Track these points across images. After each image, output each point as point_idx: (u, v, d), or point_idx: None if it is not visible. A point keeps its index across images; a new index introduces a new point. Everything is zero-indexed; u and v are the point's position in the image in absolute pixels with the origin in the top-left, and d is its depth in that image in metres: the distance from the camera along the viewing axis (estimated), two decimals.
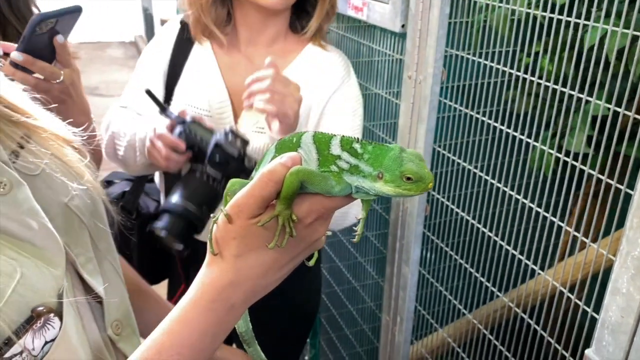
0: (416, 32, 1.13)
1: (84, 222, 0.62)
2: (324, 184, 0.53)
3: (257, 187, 0.52)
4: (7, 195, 0.52)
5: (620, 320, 0.72)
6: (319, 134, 0.55)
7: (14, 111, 0.57)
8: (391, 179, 0.51)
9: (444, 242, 1.33)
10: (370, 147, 0.53)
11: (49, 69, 0.96)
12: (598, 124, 0.89)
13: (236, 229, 0.53)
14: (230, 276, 0.54)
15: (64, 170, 0.61)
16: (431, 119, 1.16)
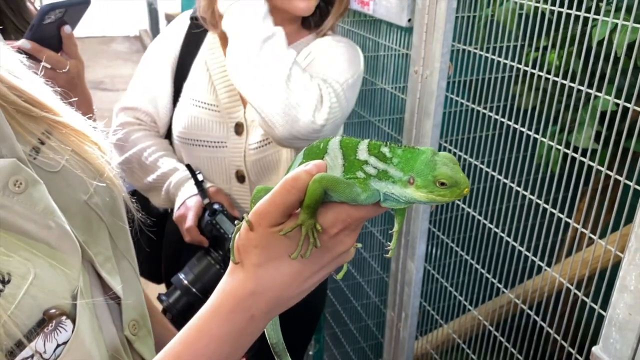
0: (422, 26, 1.12)
1: (103, 220, 0.61)
2: (349, 192, 0.50)
3: (278, 194, 0.50)
4: (22, 194, 0.51)
5: (628, 318, 0.71)
6: (346, 139, 0.53)
7: (34, 106, 0.56)
8: (423, 184, 0.48)
9: (449, 237, 1.33)
10: (399, 151, 0.50)
11: (56, 57, 0.97)
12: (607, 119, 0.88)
13: (257, 237, 0.51)
14: (250, 286, 0.52)
15: (83, 167, 0.60)
16: (437, 114, 1.16)
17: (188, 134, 1.25)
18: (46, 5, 0.95)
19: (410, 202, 0.50)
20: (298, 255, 0.51)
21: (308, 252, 0.51)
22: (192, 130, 1.23)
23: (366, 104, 1.56)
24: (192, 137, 1.25)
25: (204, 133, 1.24)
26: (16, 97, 0.54)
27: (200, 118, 1.24)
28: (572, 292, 0.96)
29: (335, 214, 0.51)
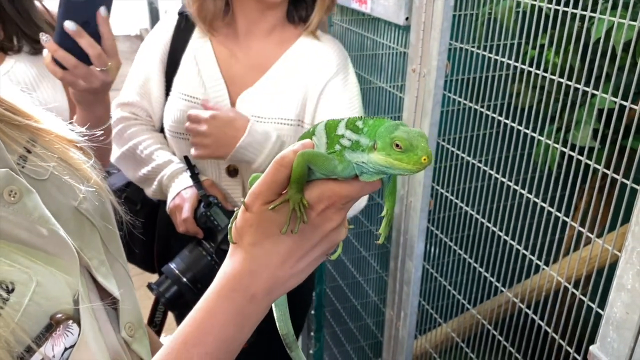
0: (420, 24, 1.11)
1: (94, 224, 0.62)
2: (327, 164, 0.53)
3: (269, 173, 0.53)
4: (17, 204, 0.51)
5: (625, 317, 0.71)
6: (331, 121, 0.56)
7: (16, 114, 0.56)
8: (382, 146, 0.50)
9: (448, 236, 1.32)
10: (370, 122, 0.52)
11: (98, 49, 0.87)
12: (604, 117, 0.88)
13: (252, 217, 0.54)
14: (248, 265, 0.55)
15: (70, 174, 0.60)
16: (435, 112, 1.15)
17: (178, 128, 1.26)
18: None
19: (377, 171, 0.52)
20: (287, 230, 0.53)
21: (297, 227, 0.53)
22: (182, 124, 1.24)
23: (364, 102, 1.55)
24: (182, 130, 1.25)
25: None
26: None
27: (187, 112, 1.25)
28: (569, 291, 0.95)
29: (320, 190, 0.54)
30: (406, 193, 1.29)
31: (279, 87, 1.23)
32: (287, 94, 1.22)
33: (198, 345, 0.53)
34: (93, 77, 0.87)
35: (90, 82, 0.88)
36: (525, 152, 1.09)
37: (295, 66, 1.23)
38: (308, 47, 1.25)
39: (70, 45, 0.84)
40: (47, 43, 0.84)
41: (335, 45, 1.27)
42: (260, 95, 1.23)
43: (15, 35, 1.03)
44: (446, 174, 1.28)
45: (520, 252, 1.09)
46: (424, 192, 1.24)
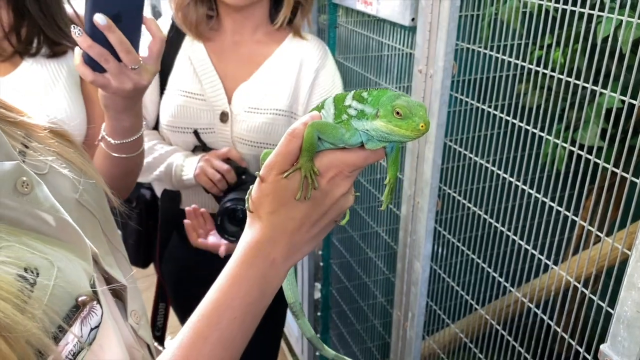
0: (426, 25, 1.12)
1: (95, 216, 0.64)
2: (336, 133, 0.57)
3: (282, 144, 0.57)
4: (30, 194, 0.52)
5: (636, 315, 0.71)
6: (339, 94, 0.60)
7: (10, 111, 0.58)
8: (384, 113, 0.54)
9: (456, 237, 1.32)
10: (375, 92, 0.56)
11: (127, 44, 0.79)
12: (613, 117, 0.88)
13: (268, 186, 0.58)
14: (267, 232, 0.58)
15: (68, 167, 0.62)
16: (442, 113, 1.15)
17: (176, 122, 1.31)
18: None
19: (380, 137, 0.56)
20: (301, 196, 0.57)
21: (309, 193, 0.57)
22: (180, 118, 1.30)
23: None
24: (180, 124, 1.31)
25: (192, 120, 1.31)
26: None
27: (187, 107, 1.31)
28: (579, 290, 0.95)
29: (329, 159, 0.58)
30: (413, 194, 1.30)
31: (272, 80, 1.31)
32: (280, 87, 1.31)
33: (227, 310, 0.56)
34: (124, 76, 0.81)
35: (122, 82, 0.81)
36: (533, 151, 1.09)
37: (285, 62, 1.32)
38: (295, 45, 1.33)
39: (101, 40, 0.78)
40: (80, 37, 0.77)
41: (317, 42, 1.36)
42: (255, 89, 1.30)
43: (36, 37, 1.02)
44: (453, 174, 1.28)
45: (528, 251, 1.08)
46: (431, 192, 1.24)
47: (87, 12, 0.77)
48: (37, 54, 1.02)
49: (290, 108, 1.32)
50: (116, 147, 0.92)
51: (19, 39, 1.01)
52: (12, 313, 0.41)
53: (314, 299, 2.11)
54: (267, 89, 1.31)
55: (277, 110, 1.31)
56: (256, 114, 1.30)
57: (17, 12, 0.99)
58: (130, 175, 1.01)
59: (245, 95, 1.30)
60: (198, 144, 1.32)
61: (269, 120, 1.30)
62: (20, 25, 1.00)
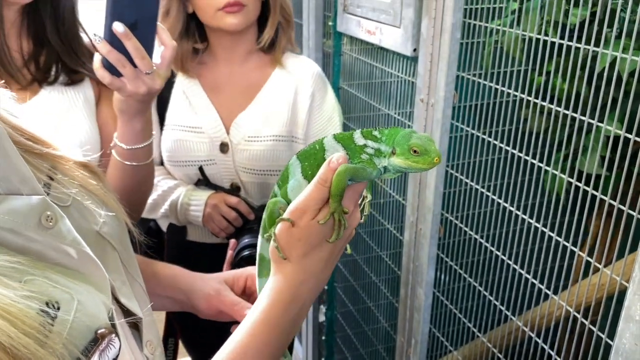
0: (427, 56, 1.14)
1: (114, 247, 0.65)
2: (366, 174, 0.61)
3: (314, 191, 0.60)
4: (54, 229, 0.54)
5: (634, 348, 0.71)
6: (339, 134, 0.63)
7: (36, 143, 0.59)
8: (401, 152, 0.59)
9: (457, 262, 1.33)
10: (386, 131, 0.61)
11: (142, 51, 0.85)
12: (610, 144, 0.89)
13: (300, 231, 0.60)
14: (301, 276, 0.61)
15: (90, 199, 0.63)
16: (443, 141, 1.17)
17: (176, 156, 1.33)
18: None
19: (397, 171, 0.62)
20: (336, 238, 0.60)
21: (341, 233, 0.61)
22: (179, 152, 1.32)
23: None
24: (181, 158, 1.33)
25: (192, 154, 1.33)
26: (20, 137, 0.57)
27: (186, 140, 1.32)
28: (579, 320, 0.95)
29: (348, 195, 0.61)
30: (416, 220, 1.31)
31: (269, 108, 1.33)
32: (278, 114, 1.33)
33: (255, 356, 0.58)
34: (139, 80, 0.86)
35: (137, 86, 0.87)
36: (534, 177, 1.10)
37: (280, 88, 1.34)
38: (288, 70, 1.36)
39: (118, 46, 0.85)
40: (100, 43, 0.84)
41: (309, 63, 1.40)
42: (253, 118, 1.32)
43: (54, 65, 1.04)
44: (454, 200, 1.29)
45: (529, 279, 1.09)
46: (433, 219, 1.25)
47: (107, 20, 0.83)
48: (55, 82, 1.04)
49: (289, 133, 1.35)
50: (127, 153, 0.96)
51: (37, 66, 1.02)
52: (34, 348, 0.43)
53: (319, 322, 2.11)
54: (264, 116, 1.33)
55: (277, 136, 1.33)
56: (257, 142, 1.32)
57: (36, 41, 1.02)
58: (141, 186, 1.03)
59: (243, 125, 1.32)
60: (201, 177, 1.34)
61: (270, 147, 1.32)
62: (39, 54, 1.02)
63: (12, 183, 0.52)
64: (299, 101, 1.35)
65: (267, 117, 1.33)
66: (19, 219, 0.51)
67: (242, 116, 1.32)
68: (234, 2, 1.22)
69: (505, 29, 1.06)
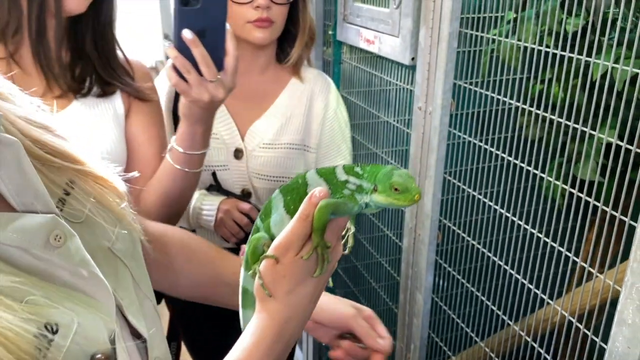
0: (425, 65, 1.16)
1: (126, 264, 0.64)
2: (347, 209, 0.61)
3: (296, 227, 0.59)
4: (62, 248, 0.53)
5: (627, 351, 0.73)
6: (321, 169, 0.64)
7: (56, 157, 0.59)
8: (383, 189, 0.59)
9: (455, 269, 1.34)
10: (367, 168, 0.61)
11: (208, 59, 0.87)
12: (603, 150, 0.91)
13: (285, 267, 0.59)
14: (286, 313, 0.60)
15: (104, 215, 0.62)
16: (441, 148, 1.19)
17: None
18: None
19: (378, 206, 0.62)
20: (320, 273, 0.60)
21: (325, 267, 0.60)
22: None
23: (372, 136, 1.60)
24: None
25: (207, 159, 1.33)
26: (40, 151, 0.57)
27: None
28: (573, 325, 0.97)
29: (331, 229, 0.60)
30: (414, 226, 1.32)
31: (283, 117, 1.36)
32: (292, 123, 1.36)
33: None
34: (203, 87, 0.89)
35: (200, 93, 0.90)
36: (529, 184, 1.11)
37: (294, 98, 1.38)
38: (302, 81, 1.40)
39: (186, 53, 0.88)
40: (169, 48, 0.89)
41: (322, 77, 1.44)
42: (268, 126, 1.35)
43: (89, 76, 1.05)
44: (453, 207, 1.30)
45: (525, 285, 1.10)
46: (432, 225, 1.26)
47: (176, 27, 0.87)
48: (88, 94, 1.05)
49: (302, 142, 1.38)
50: (183, 157, 0.99)
51: (73, 77, 1.04)
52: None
53: None
54: (279, 124, 1.36)
55: (290, 144, 1.36)
56: (271, 149, 1.35)
57: (74, 53, 1.03)
58: (185, 193, 1.06)
59: (259, 132, 1.35)
60: (213, 182, 1.36)
61: (283, 155, 1.35)
62: (75, 65, 1.04)
63: (26, 198, 0.53)
64: (313, 111, 1.39)
65: (281, 125, 1.36)
66: (27, 237, 0.51)
67: (257, 124, 1.36)
68: (266, 18, 1.25)
69: (501, 39, 1.08)
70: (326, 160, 1.42)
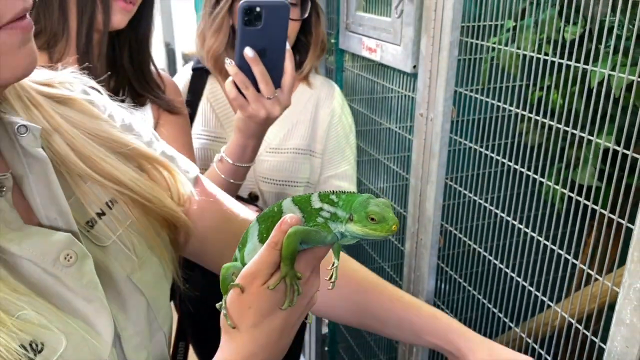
0: (426, 72, 1.18)
1: (144, 294, 0.63)
2: (319, 237, 0.57)
3: (264, 254, 0.56)
4: (70, 267, 0.54)
5: (625, 350, 0.74)
6: (297, 197, 0.60)
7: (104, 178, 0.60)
8: (358, 219, 0.56)
9: (458, 273, 1.36)
10: (343, 196, 0.58)
11: (267, 77, 0.92)
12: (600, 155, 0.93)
13: (251, 297, 0.56)
14: (250, 348, 0.56)
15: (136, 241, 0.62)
16: (442, 154, 1.21)
17: (201, 164, 1.37)
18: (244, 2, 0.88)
19: (355, 237, 0.58)
20: (288, 305, 0.56)
21: (295, 299, 0.56)
22: (202, 160, 1.37)
23: (375, 143, 1.62)
24: (203, 166, 1.35)
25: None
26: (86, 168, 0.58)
27: (209, 149, 1.37)
28: (573, 327, 0.98)
29: (305, 260, 0.57)
30: (416, 231, 1.34)
31: (290, 122, 1.38)
32: (298, 128, 1.39)
33: None
34: (260, 104, 0.94)
35: (258, 109, 0.94)
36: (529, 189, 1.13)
37: (302, 104, 1.40)
38: (309, 88, 1.42)
39: (247, 70, 0.93)
40: (230, 66, 0.93)
41: (329, 83, 1.46)
42: (275, 131, 1.37)
43: (122, 88, 1.08)
44: (454, 212, 1.32)
45: (526, 288, 1.12)
46: (433, 230, 1.28)
47: (239, 45, 0.91)
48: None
49: (308, 147, 1.41)
50: (230, 168, 1.03)
51: (108, 89, 1.08)
52: None
53: (322, 334, 2.13)
54: (286, 130, 1.39)
55: (297, 149, 1.39)
56: (277, 154, 1.38)
57: (110, 65, 1.07)
58: None
59: (266, 137, 1.35)
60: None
61: (290, 159, 1.38)
62: (111, 77, 1.07)
63: (51, 213, 0.54)
64: (319, 117, 1.42)
65: (288, 130, 1.39)
66: (38, 251, 0.52)
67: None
68: None
69: (501, 47, 1.10)
70: (331, 166, 1.44)
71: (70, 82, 0.66)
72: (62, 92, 0.62)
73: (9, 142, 0.55)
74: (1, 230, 0.51)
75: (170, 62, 7.23)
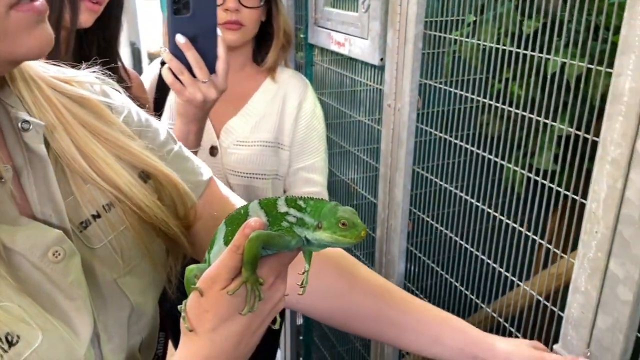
0: (393, 65, 1.23)
1: (129, 299, 0.63)
2: (282, 242, 0.56)
3: (225, 258, 0.55)
4: (58, 264, 0.55)
5: (581, 316, 0.80)
6: (264, 200, 0.59)
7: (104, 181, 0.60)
8: (328, 226, 0.55)
9: (429, 258, 1.41)
10: (311, 202, 0.57)
11: (200, 62, 0.96)
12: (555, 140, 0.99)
13: (209, 301, 0.55)
14: (207, 352, 0.55)
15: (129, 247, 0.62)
16: (410, 142, 1.26)
17: None
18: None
19: (322, 244, 0.58)
20: (248, 310, 0.55)
21: (256, 305, 0.55)
22: None
23: (345, 135, 1.67)
24: None
25: None
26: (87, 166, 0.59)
27: None
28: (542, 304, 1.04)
29: (269, 266, 0.56)
30: (387, 217, 1.39)
31: (257, 116, 1.41)
32: (266, 121, 1.42)
33: None
34: (195, 87, 0.97)
35: (194, 93, 0.98)
36: (495, 177, 1.19)
37: (269, 97, 1.43)
38: (277, 81, 1.45)
39: (181, 57, 0.97)
40: (164, 53, 0.97)
41: (298, 77, 1.49)
42: (242, 124, 1.41)
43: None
44: (423, 199, 1.38)
45: (495, 269, 1.18)
46: (402, 215, 1.34)
47: (170, 33, 0.95)
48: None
49: (276, 139, 1.43)
50: None
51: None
52: None
53: (297, 325, 2.16)
54: (253, 123, 1.41)
55: (264, 142, 1.41)
56: (244, 147, 1.40)
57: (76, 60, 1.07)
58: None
59: (233, 130, 1.40)
60: None
61: (257, 152, 1.40)
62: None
63: (46, 209, 0.56)
64: (286, 110, 1.44)
65: (255, 123, 1.42)
66: (28, 245, 0.53)
67: (232, 122, 1.41)
68: (234, 21, 1.31)
69: (463, 39, 1.16)
70: (300, 158, 1.47)
71: (92, 83, 0.67)
72: (76, 90, 0.63)
73: (14, 135, 0.56)
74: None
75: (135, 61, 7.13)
